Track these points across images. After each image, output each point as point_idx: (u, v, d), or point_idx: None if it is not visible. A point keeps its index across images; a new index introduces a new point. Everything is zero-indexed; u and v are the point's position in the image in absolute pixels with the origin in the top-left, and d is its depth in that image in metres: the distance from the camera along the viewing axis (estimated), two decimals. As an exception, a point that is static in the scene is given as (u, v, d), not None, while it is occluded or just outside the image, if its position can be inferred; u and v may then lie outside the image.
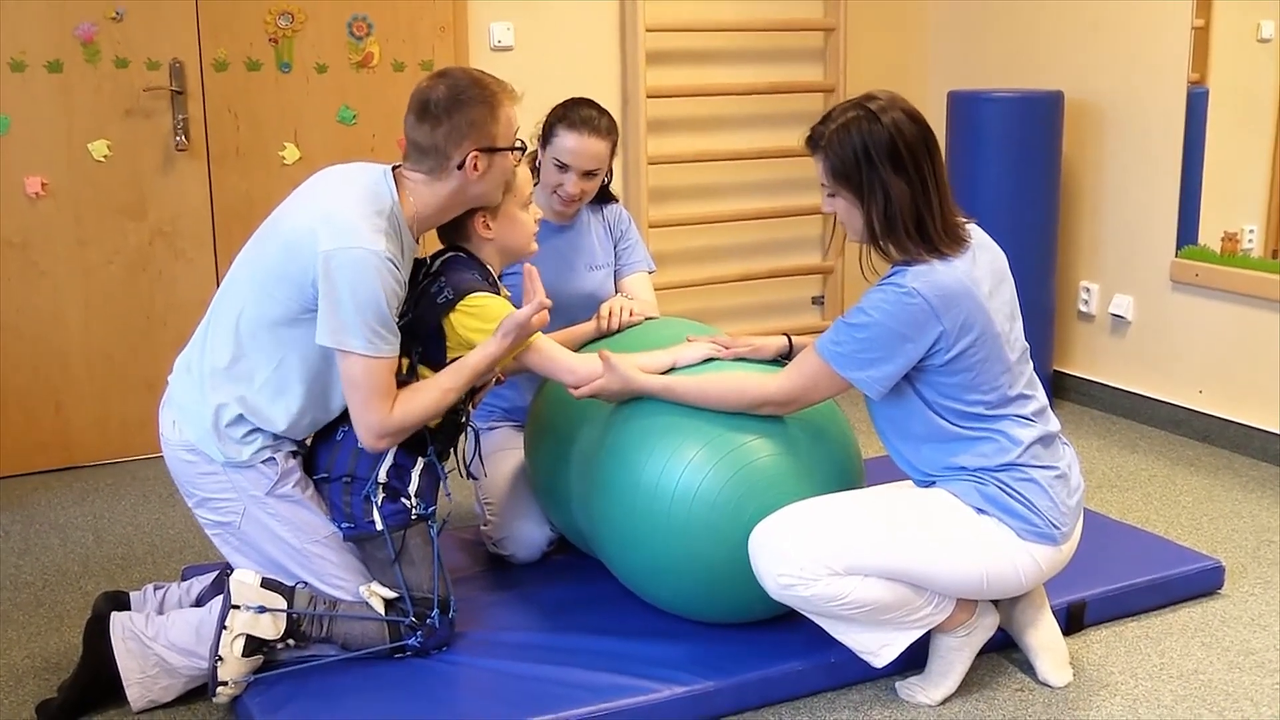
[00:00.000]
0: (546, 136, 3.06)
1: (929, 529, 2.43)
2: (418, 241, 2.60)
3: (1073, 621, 2.82)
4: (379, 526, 2.55)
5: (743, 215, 4.93)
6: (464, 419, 2.69)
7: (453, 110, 2.46)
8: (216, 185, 4.12)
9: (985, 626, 2.56)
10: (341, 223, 2.40)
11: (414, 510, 2.58)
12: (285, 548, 2.54)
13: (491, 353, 2.49)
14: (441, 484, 2.65)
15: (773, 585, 2.42)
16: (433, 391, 2.49)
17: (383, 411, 2.42)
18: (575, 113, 3.03)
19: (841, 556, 2.38)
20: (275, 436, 2.54)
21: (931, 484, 2.51)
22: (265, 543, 2.54)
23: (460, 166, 2.48)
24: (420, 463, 2.60)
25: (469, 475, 2.84)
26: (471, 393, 2.68)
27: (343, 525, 2.58)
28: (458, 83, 2.48)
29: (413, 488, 2.59)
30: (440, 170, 2.49)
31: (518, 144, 2.55)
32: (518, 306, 2.67)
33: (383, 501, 2.56)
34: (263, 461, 2.53)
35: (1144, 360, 4.45)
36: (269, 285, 2.46)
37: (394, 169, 2.54)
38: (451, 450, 2.71)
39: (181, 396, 2.56)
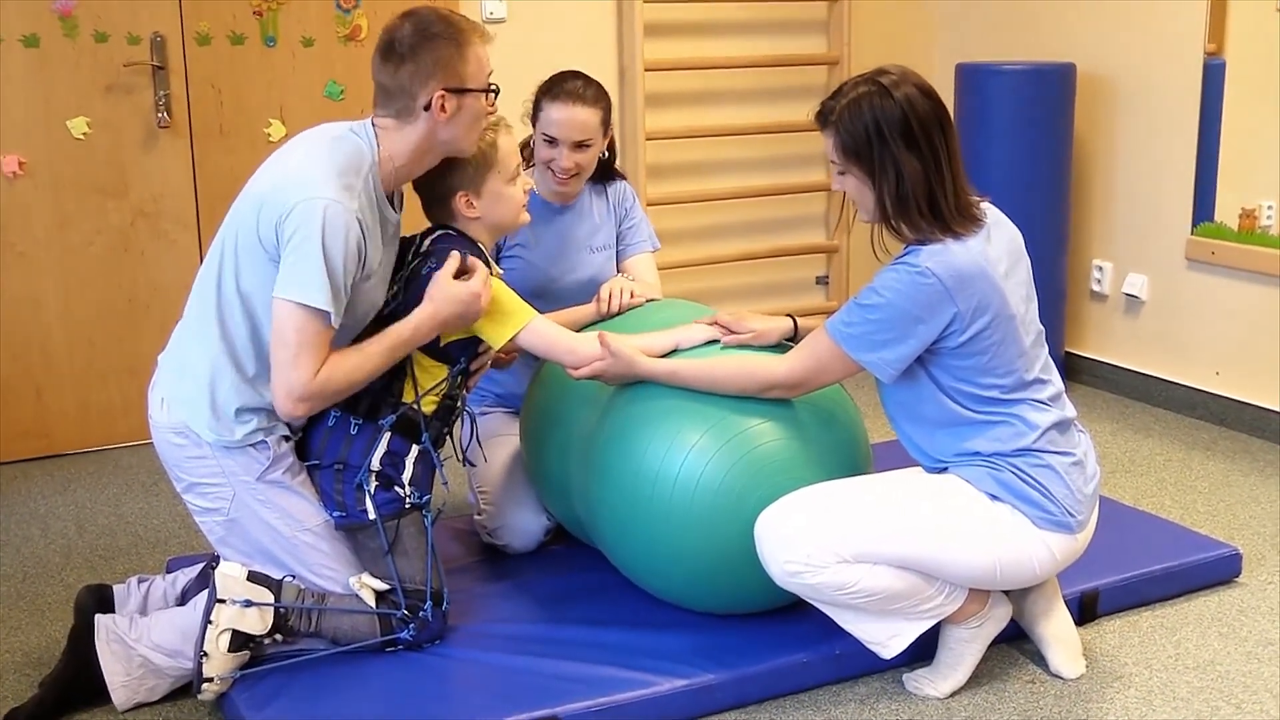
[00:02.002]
0: (535, 114, 3.04)
1: (941, 516, 2.42)
2: (394, 199, 2.55)
3: (1085, 611, 2.82)
4: (371, 516, 2.54)
5: (744, 192, 4.91)
6: (459, 403, 2.68)
7: (418, 49, 2.42)
8: (200, 164, 4.09)
9: (997, 618, 2.55)
10: (308, 176, 2.38)
11: (408, 499, 2.57)
12: (275, 536, 2.52)
13: (418, 321, 2.47)
14: (437, 472, 2.64)
15: (779, 572, 2.41)
16: (357, 357, 2.44)
17: (308, 372, 2.36)
18: (559, 85, 3.02)
19: (850, 543, 2.37)
20: (269, 417, 2.52)
21: (943, 470, 2.50)
22: (254, 530, 2.52)
23: (428, 108, 2.43)
24: (415, 450, 2.58)
25: (465, 461, 2.83)
26: (466, 376, 2.66)
27: (334, 514, 2.56)
28: (424, 20, 2.44)
29: (407, 476, 2.57)
30: (408, 113, 2.45)
31: (491, 86, 2.50)
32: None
33: (375, 490, 2.55)
34: (254, 445, 2.51)
35: (1158, 341, 4.43)
36: (242, 250, 2.44)
37: (373, 120, 2.52)
38: (448, 436, 2.69)
39: (172, 374, 2.54)
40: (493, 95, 2.51)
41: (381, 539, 2.54)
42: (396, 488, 2.56)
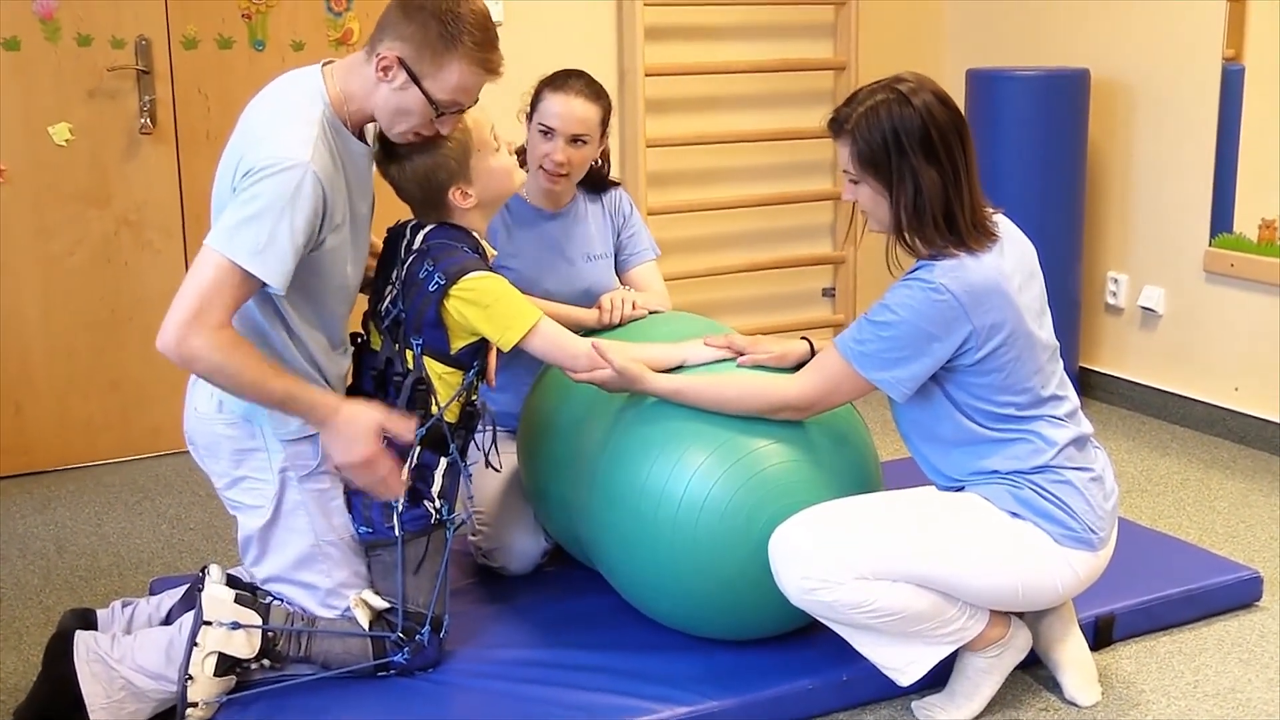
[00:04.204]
0: (533, 106, 3.06)
1: (961, 532, 2.42)
2: (361, 134, 2.53)
3: (1101, 636, 2.82)
4: (397, 532, 2.55)
5: (748, 201, 4.92)
6: (477, 402, 2.67)
7: (412, 8, 2.39)
8: (186, 171, 4.10)
9: (1017, 648, 2.55)
10: (267, 138, 2.38)
11: (436, 514, 2.59)
12: (301, 544, 2.53)
13: (316, 404, 2.42)
14: (464, 483, 2.65)
15: (794, 589, 2.41)
16: (257, 371, 2.33)
17: (206, 327, 2.25)
18: (562, 77, 3.06)
19: (869, 559, 2.38)
20: None
21: (960, 489, 2.50)
22: (285, 532, 2.53)
23: (380, 55, 2.41)
24: (443, 463, 2.60)
25: (489, 465, 2.84)
26: (482, 375, 2.66)
27: (361, 529, 2.58)
28: (450, 4, 2.39)
29: (436, 489, 2.59)
30: (370, 51, 2.45)
31: (451, 105, 2.44)
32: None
33: (404, 507, 2.56)
34: (308, 438, 2.52)
35: (1176, 356, 4.44)
36: None
37: (325, 64, 2.52)
38: (472, 441, 2.71)
39: None
40: (435, 113, 2.44)
41: (399, 556, 2.55)
42: (425, 502, 2.58)
